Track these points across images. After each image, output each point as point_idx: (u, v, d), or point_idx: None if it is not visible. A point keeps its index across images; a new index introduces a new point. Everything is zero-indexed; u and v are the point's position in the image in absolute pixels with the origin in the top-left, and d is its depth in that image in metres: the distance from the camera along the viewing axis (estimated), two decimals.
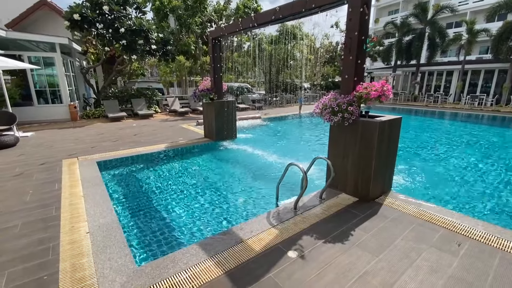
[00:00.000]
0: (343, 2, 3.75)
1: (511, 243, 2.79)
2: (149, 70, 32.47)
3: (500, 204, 4.36)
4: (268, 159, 6.17)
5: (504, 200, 4.51)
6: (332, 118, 3.63)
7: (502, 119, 13.96)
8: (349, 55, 3.70)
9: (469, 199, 4.50)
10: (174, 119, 12.21)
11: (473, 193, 4.74)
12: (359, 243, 2.82)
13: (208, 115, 7.60)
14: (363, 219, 3.31)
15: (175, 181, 5.13)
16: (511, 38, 16.03)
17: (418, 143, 8.60)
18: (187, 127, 9.88)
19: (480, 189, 4.91)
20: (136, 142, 7.32)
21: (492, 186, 5.04)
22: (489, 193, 4.75)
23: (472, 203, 4.36)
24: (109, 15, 10.54)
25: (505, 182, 5.24)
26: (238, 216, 3.85)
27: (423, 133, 10.63)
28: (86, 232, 3.01)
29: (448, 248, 2.74)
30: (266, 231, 3.04)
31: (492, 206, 4.29)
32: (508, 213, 4.06)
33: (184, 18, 14.58)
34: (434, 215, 3.38)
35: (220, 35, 6.70)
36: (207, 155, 6.84)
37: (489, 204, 4.35)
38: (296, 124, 12.52)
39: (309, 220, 3.27)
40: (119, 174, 5.45)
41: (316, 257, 2.60)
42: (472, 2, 24.71)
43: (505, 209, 4.20)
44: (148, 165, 6.02)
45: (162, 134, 8.49)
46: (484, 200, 4.47)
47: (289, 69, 20.07)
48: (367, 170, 3.69)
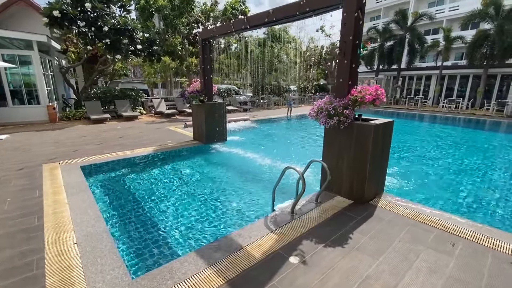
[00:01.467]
0: (337, 7, 3.78)
1: (500, 242, 2.89)
2: (132, 70, 31.65)
3: (480, 201, 4.56)
4: (261, 162, 6.12)
5: (484, 195, 4.72)
6: (328, 121, 3.64)
7: (477, 122, 14.76)
8: (344, 59, 3.74)
9: (453, 198, 4.67)
10: (161, 121, 11.90)
11: (456, 191, 4.93)
12: (358, 247, 2.83)
13: (198, 117, 7.45)
14: (360, 222, 3.33)
15: (166, 186, 4.96)
16: (484, 45, 17.02)
17: (403, 145, 8.88)
18: (175, 129, 9.64)
19: (461, 187, 5.12)
20: (122, 145, 7.03)
21: (473, 184, 5.27)
22: (469, 190, 4.97)
23: (456, 201, 4.53)
24: (91, 13, 10.12)
25: (485, 180, 5.51)
26: (234, 221, 3.77)
27: (407, 135, 11.00)
28: (73, 242, 2.82)
29: (444, 249, 2.80)
30: (265, 236, 2.98)
31: (470, 202, 4.48)
32: (487, 208, 4.24)
33: (171, 18, 14.28)
34: (426, 216, 3.46)
35: (211, 36, 6.60)
36: (198, 158, 6.69)
37: (469, 200, 4.55)
38: (285, 126, 12.58)
39: (307, 224, 3.25)
40: (105, 179, 5.20)
41: (318, 262, 2.57)
42: (448, 11, 26.04)
43: (483, 203, 4.41)
44: (136, 169, 5.79)
45: (149, 137, 8.23)
46: (466, 197, 4.67)
47: (276, 71, 20.19)
48: (362, 173, 3.73)
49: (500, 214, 4.16)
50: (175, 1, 14.18)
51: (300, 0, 4.13)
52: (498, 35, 15.83)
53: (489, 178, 5.84)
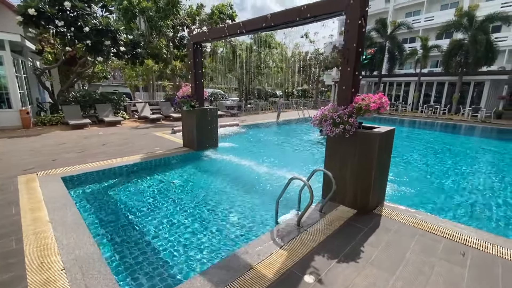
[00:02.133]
0: (340, 13, 3.74)
1: (506, 250, 2.91)
2: (111, 73, 30.50)
3: (463, 202, 4.67)
4: (257, 170, 5.94)
5: (466, 196, 4.85)
6: (333, 130, 3.56)
7: (454, 126, 15.53)
8: (347, 67, 3.69)
9: (447, 204, 4.75)
10: (146, 126, 11.41)
11: (450, 197, 5.03)
12: (372, 261, 2.72)
13: (189, 123, 7.16)
14: (368, 233, 3.25)
15: (158, 198, 4.65)
16: (458, 54, 18.02)
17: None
18: (162, 135, 9.25)
19: (455, 191, 5.25)
20: (106, 153, 6.59)
21: (457, 186, 5.43)
22: (455, 193, 5.11)
23: (449, 206, 4.61)
24: (71, 12, 9.55)
25: (467, 182, 5.69)
26: (237, 234, 3.55)
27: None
28: (60, 269, 2.49)
29: (455, 260, 2.77)
30: (274, 253, 2.80)
31: (456, 204, 4.59)
32: (472, 209, 4.34)
33: (155, 20, 13.85)
34: (431, 224, 3.44)
35: (203, 40, 6.39)
36: (190, 166, 6.40)
37: (454, 202, 4.67)
38: (276, 131, 12.49)
39: (316, 238, 3.11)
40: (91, 192, 4.79)
41: (334, 280, 2.44)
42: (423, 21, 27.42)
43: (465, 204, 4.52)
44: (124, 180, 5.41)
45: (135, 144, 7.80)
46: (454, 200, 4.77)
47: (263, 76, 20.19)
48: (366, 182, 3.67)
49: (485, 214, 4.27)
50: (160, 3, 13.78)
51: (301, 6, 4.05)
52: (472, 45, 16.83)
53: (470, 179, 6.07)
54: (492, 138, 12.27)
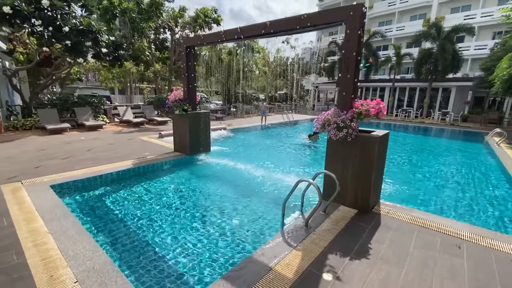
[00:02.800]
0: (340, 23, 3.94)
1: (495, 242, 3.22)
2: (85, 74, 29.07)
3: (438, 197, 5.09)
4: (254, 173, 5.99)
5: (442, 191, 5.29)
6: (337, 134, 3.73)
7: (425, 129, 16.66)
8: (347, 74, 3.89)
9: (428, 198, 5.14)
10: (129, 130, 11.01)
11: (430, 193, 5.42)
12: (381, 257, 2.89)
13: (180, 128, 7.06)
14: (372, 231, 3.43)
15: (157, 204, 4.53)
16: (428, 62, 19.42)
17: None
18: (149, 140, 8.99)
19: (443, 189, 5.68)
20: (94, 159, 6.30)
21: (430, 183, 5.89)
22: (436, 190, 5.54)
23: (430, 201, 4.99)
24: (49, 11, 9.04)
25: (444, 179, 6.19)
26: (246, 237, 3.58)
27: None
28: (73, 281, 2.38)
29: (453, 252, 3.02)
30: (289, 254, 2.88)
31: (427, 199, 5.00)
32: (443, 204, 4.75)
33: (137, 21, 13.48)
34: (426, 221, 3.71)
35: (197, 44, 6.36)
36: (185, 171, 6.29)
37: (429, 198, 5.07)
38: (265, 134, 12.61)
39: (325, 237, 3.23)
40: (85, 201, 4.56)
41: (350, 276, 2.56)
42: (395, 30, 29.23)
43: (432, 198, 4.99)
44: (119, 186, 5.21)
45: (123, 149, 7.52)
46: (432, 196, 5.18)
47: (246, 80, 20.33)
48: (367, 182, 3.88)
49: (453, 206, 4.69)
50: (142, 4, 13.46)
51: (301, 15, 4.22)
52: (440, 54, 18.22)
53: (444, 176, 6.65)
54: (459, 139, 13.33)
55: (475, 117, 18.67)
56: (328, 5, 38.38)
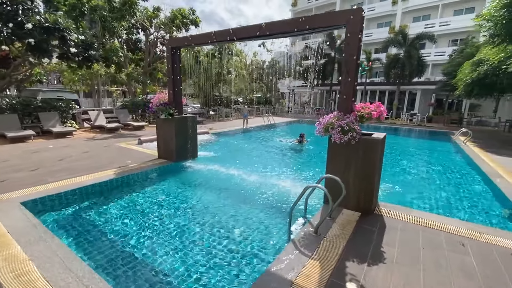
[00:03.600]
0: (340, 27, 3.95)
1: (493, 237, 3.39)
2: (46, 76, 26.71)
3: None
4: (248, 178, 5.80)
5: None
6: (342, 137, 3.70)
7: (396, 129, 17.69)
8: (348, 77, 3.90)
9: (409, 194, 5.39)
10: (103, 137, 10.21)
11: (411, 189, 5.68)
12: (396, 260, 2.88)
13: (166, 133, 6.66)
14: (380, 234, 3.44)
15: (151, 217, 4.16)
16: (396, 66, 20.71)
17: None
18: (128, 147, 8.39)
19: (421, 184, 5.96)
20: (69, 170, 5.69)
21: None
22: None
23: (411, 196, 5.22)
24: (8, 6, 8.09)
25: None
26: (252, 248, 3.39)
27: None
28: None
29: (460, 250, 3.11)
30: (307, 264, 2.76)
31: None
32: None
33: (109, 20, 12.64)
34: (426, 220, 3.81)
35: (184, 45, 6.05)
36: (174, 180, 5.90)
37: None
38: (249, 138, 12.44)
39: (337, 244, 3.16)
40: (66, 217, 4.06)
41: (374, 283, 2.51)
42: (364, 36, 30.93)
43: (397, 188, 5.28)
44: (102, 200, 4.73)
45: (100, 157, 6.91)
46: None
47: (224, 83, 20.05)
48: (370, 185, 3.90)
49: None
50: (114, 2, 12.67)
51: (299, 18, 4.17)
52: (407, 59, 19.53)
53: (417, 172, 7.08)
54: (430, 139, 14.31)
55: (438, 118, 20.24)
56: (301, 10, 39.54)
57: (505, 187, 5.41)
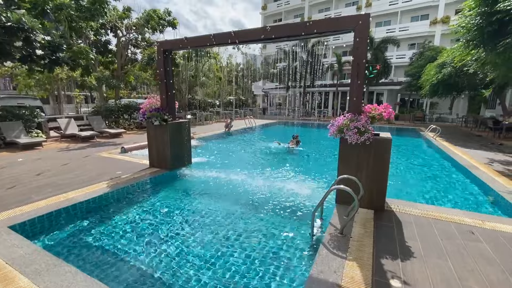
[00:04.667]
0: (348, 31, 4.08)
1: (495, 224, 3.73)
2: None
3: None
4: (252, 183, 5.70)
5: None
6: (359, 138, 3.81)
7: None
8: (357, 80, 4.05)
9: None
10: (79, 146, 9.37)
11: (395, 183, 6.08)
12: (424, 253, 3.03)
13: (158, 140, 6.30)
14: (399, 229, 3.60)
15: (160, 233, 3.89)
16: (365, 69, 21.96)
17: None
18: (112, 156, 7.80)
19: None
20: (53, 186, 5.12)
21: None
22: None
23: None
24: None
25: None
26: (280, 256, 3.33)
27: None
28: None
29: (472, 238, 3.37)
30: (346, 267, 2.78)
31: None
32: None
33: (76, 20, 11.66)
34: (433, 212, 4.08)
35: (179, 47, 5.79)
36: (174, 189, 5.56)
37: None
38: (237, 141, 12.27)
39: (365, 243, 3.24)
40: (66, 239, 3.62)
41: (414, 278, 2.60)
42: (332, 40, 32.40)
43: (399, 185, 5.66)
44: (102, 216, 4.32)
45: (85, 169, 6.32)
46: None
47: (202, 86, 19.61)
48: (382, 183, 4.07)
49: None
50: (82, 0, 11.74)
51: (306, 22, 4.22)
52: (375, 61, 20.84)
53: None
54: (403, 135, 15.39)
55: (404, 116, 21.90)
56: (270, 14, 40.31)
57: (484, 177, 5.99)
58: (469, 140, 11.76)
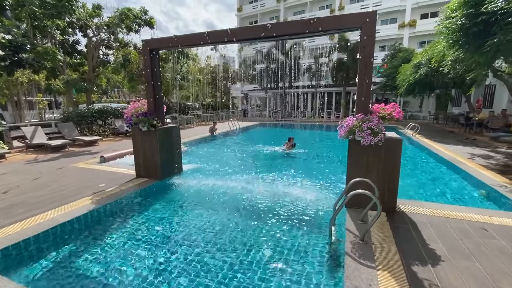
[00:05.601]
0: (355, 29, 3.96)
1: (502, 219, 3.80)
2: None
3: None
4: (252, 189, 5.38)
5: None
6: (372, 139, 3.69)
7: None
8: (365, 79, 3.94)
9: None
10: (49, 157, 8.42)
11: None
12: (449, 255, 2.94)
13: (146, 147, 5.78)
14: (417, 231, 3.51)
15: (159, 256, 3.46)
16: (342, 70, 22.65)
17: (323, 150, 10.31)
18: (90, 167, 7.06)
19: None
20: (24, 205, 4.44)
21: None
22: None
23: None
24: None
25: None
26: (299, 269, 3.08)
27: (321, 142, 12.85)
28: None
29: (487, 235, 3.37)
30: (380, 277, 2.60)
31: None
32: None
33: (40, 18, 10.55)
34: (442, 211, 4.08)
35: (169, 46, 5.33)
36: (169, 202, 5.04)
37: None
38: (225, 145, 11.87)
39: (389, 248, 3.10)
40: (49, 272, 3.06)
41: (450, 284, 2.49)
42: (308, 42, 33.05)
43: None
44: (92, 239, 3.77)
45: (61, 184, 5.61)
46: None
47: (181, 88, 18.86)
48: (393, 184, 3.99)
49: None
50: None
51: (310, 19, 4.04)
52: (351, 63, 21.52)
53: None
54: None
55: None
56: (246, 16, 40.25)
57: (473, 172, 6.23)
58: (445, 136, 12.42)
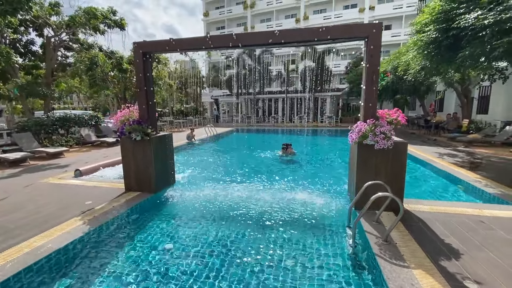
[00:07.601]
0: (362, 39, 4.15)
1: (492, 211, 4.24)
2: None
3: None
4: (257, 196, 5.23)
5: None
6: (385, 143, 3.86)
7: (321, 130, 20.15)
8: (372, 86, 4.14)
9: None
10: (8, 173, 7.27)
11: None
12: (466, 249, 3.19)
13: (138, 158, 5.32)
14: (428, 228, 3.75)
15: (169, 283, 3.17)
16: (310, 77, 23.68)
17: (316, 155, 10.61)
18: (65, 182, 6.27)
19: None
20: (6, 231, 3.75)
21: None
22: None
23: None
24: None
25: None
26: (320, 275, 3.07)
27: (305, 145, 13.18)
28: None
29: (487, 227, 3.74)
30: (419, 277, 2.70)
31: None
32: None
33: None
34: (440, 207, 4.43)
35: (166, 49, 4.98)
36: (170, 217, 4.60)
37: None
38: (212, 151, 11.54)
39: (413, 247, 3.25)
40: None
41: (478, 275, 2.68)
42: (276, 50, 33.96)
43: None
44: (89, 267, 3.30)
45: (37, 204, 4.87)
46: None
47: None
48: (400, 185, 4.22)
49: None
50: None
51: (319, 28, 4.14)
52: (320, 70, 22.60)
53: None
54: (345, 136, 16.92)
55: (346, 119, 24.26)
56: (213, 21, 40.07)
57: (449, 169, 6.91)
58: (409, 137, 13.61)
